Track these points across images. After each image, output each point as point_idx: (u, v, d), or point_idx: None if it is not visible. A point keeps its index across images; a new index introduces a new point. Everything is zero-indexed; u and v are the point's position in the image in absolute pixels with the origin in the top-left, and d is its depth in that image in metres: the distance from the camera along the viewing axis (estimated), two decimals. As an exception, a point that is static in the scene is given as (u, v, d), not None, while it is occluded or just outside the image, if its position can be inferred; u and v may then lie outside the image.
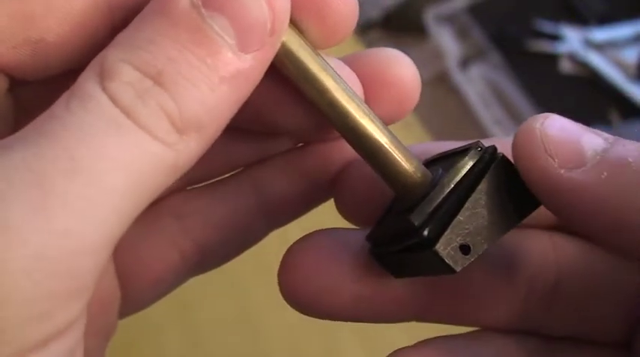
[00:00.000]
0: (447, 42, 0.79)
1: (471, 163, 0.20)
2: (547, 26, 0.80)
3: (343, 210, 0.24)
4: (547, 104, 0.74)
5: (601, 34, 0.79)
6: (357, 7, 0.20)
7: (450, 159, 0.21)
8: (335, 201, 0.24)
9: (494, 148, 0.20)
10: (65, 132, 0.16)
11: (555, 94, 0.76)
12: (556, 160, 0.19)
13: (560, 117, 0.20)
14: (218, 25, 0.17)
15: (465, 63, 0.79)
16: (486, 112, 0.75)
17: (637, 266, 0.22)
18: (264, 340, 0.50)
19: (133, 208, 0.17)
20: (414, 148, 0.22)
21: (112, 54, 0.17)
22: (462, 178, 0.20)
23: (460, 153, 0.21)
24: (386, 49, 0.23)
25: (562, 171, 0.18)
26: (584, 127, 0.20)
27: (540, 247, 0.23)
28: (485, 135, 0.75)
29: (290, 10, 0.19)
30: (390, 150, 0.20)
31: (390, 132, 0.21)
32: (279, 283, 0.23)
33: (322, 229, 0.23)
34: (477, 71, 0.78)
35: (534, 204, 0.20)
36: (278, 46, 0.19)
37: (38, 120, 0.16)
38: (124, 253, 0.23)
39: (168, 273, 0.24)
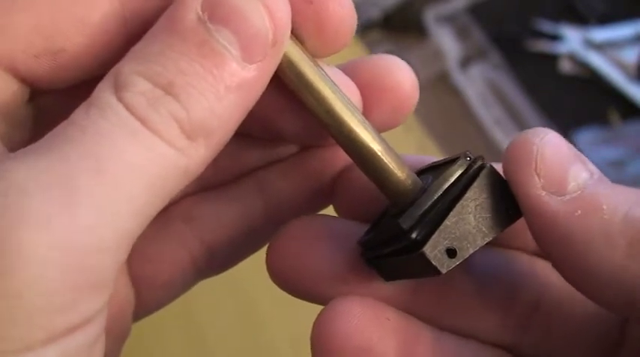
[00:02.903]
0: (447, 42, 0.80)
1: (459, 172, 0.21)
2: (547, 26, 0.80)
3: (341, 212, 0.25)
4: (547, 104, 0.75)
5: (601, 34, 0.79)
6: (355, 17, 0.21)
7: (440, 168, 0.22)
8: (333, 203, 0.25)
9: (482, 158, 0.21)
10: (86, 137, 0.17)
11: (555, 94, 0.77)
12: (542, 181, 0.19)
13: (558, 136, 0.20)
14: (223, 37, 0.18)
15: (465, 63, 0.79)
16: (486, 112, 0.76)
17: None
18: (267, 333, 0.50)
19: (150, 209, 0.18)
20: (407, 159, 0.23)
21: (126, 66, 0.18)
22: (450, 185, 0.21)
23: (450, 162, 0.22)
24: (384, 55, 0.23)
25: (543, 193, 0.19)
26: (577, 155, 0.20)
27: (525, 268, 0.23)
28: (485, 135, 0.75)
29: (290, 22, 0.19)
30: (382, 157, 0.21)
31: (383, 140, 0.21)
32: (266, 259, 0.23)
33: (312, 215, 0.24)
34: (477, 71, 0.78)
35: (519, 213, 0.20)
36: (280, 56, 0.20)
37: (59, 128, 0.17)
38: (137, 255, 0.23)
39: (178, 274, 0.25)
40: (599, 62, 0.77)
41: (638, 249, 0.18)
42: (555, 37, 0.79)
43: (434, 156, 0.24)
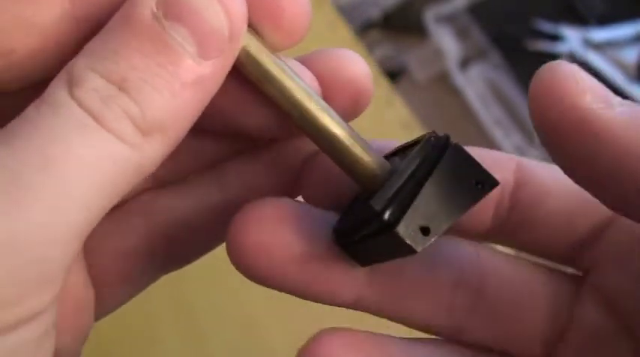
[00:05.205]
0: (447, 42, 0.80)
1: (426, 152, 0.21)
2: (547, 26, 0.80)
3: (309, 200, 0.25)
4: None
5: (601, 34, 0.79)
6: (310, 10, 0.21)
7: (407, 150, 0.22)
8: (301, 193, 0.25)
9: (447, 136, 0.22)
10: (37, 133, 0.17)
11: (555, 94, 0.76)
12: (588, 97, 0.19)
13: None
14: (178, 34, 0.18)
15: (465, 63, 0.79)
16: (486, 112, 0.76)
17: (561, 277, 0.24)
18: (264, 333, 0.50)
19: (101, 205, 0.18)
20: (373, 143, 0.23)
21: (80, 63, 0.18)
22: (418, 165, 0.21)
23: (416, 143, 0.22)
24: (339, 49, 0.24)
25: (594, 106, 0.18)
26: None
27: (466, 254, 0.24)
28: (485, 135, 0.75)
29: (247, 17, 0.20)
30: (348, 142, 0.21)
31: (348, 125, 0.21)
32: (227, 237, 0.22)
33: (278, 197, 0.23)
34: (476, 71, 0.78)
35: (490, 186, 0.21)
36: (237, 51, 0.20)
37: (11, 124, 0.17)
38: (94, 250, 0.23)
39: (137, 269, 0.24)
40: (599, 62, 0.77)
41: None
42: (555, 37, 0.79)
43: (395, 141, 0.24)
